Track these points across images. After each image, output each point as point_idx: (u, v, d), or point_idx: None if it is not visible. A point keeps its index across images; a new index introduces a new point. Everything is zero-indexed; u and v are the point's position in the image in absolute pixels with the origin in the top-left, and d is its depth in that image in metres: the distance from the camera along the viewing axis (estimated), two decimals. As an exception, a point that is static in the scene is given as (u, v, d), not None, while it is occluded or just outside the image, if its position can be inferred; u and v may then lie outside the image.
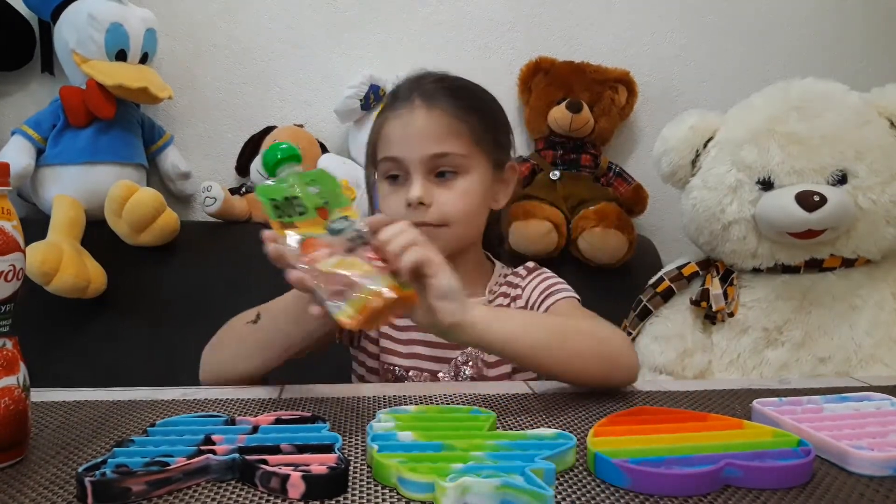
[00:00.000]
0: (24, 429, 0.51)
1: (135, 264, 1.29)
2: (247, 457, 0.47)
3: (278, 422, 0.56)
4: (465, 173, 0.81)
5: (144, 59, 1.32)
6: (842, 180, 1.07)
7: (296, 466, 0.46)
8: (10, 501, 0.44)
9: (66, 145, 1.26)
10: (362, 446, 0.53)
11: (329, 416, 0.61)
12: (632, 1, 1.58)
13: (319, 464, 0.46)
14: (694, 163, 1.20)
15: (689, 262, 1.24)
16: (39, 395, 0.62)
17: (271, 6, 1.48)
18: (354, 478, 0.47)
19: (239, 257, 1.28)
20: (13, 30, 1.33)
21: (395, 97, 0.84)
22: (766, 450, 0.50)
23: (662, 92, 1.59)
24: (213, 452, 0.48)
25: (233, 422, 0.56)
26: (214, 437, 0.51)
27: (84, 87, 1.25)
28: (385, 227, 0.61)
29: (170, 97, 1.30)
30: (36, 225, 1.19)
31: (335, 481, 0.45)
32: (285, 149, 0.63)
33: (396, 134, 0.81)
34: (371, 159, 0.87)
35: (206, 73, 1.47)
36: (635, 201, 1.47)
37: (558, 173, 1.45)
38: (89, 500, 0.43)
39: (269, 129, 1.44)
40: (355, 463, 0.50)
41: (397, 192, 0.81)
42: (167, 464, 0.46)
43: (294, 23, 1.49)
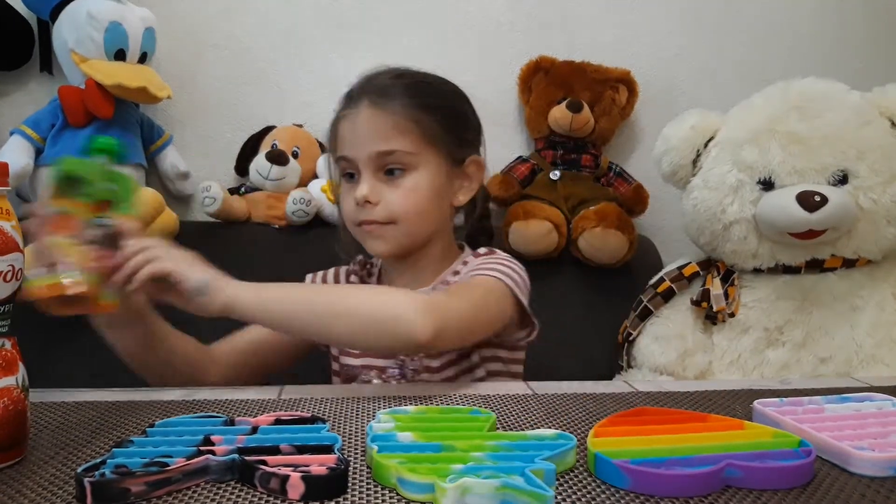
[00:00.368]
0: (23, 429, 0.51)
1: (134, 264, 1.29)
2: (246, 457, 0.47)
3: (278, 422, 0.56)
4: (413, 170, 0.82)
5: (143, 58, 1.32)
6: (843, 180, 1.07)
7: (295, 467, 0.46)
8: (10, 502, 0.43)
9: (66, 145, 1.26)
10: (362, 447, 0.53)
11: (328, 416, 0.61)
12: (632, 1, 1.58)
13: (319, 464, 0.46)
14: (695, 163, 1.20)
15: (690, 263, 1.24)
16: (38, 396, 0.61)
17: (271, 6, 1.48)
18: (354, 478, 0.47)
19: (238, 257, 1.27)
20: (12, 29, 1.32)
21: (349, 97, 0.86)
22: (766, 450, 0.50)
23: (663, 92, 1.59)
24: (213, 453, 0.47)
25: (232, 422, 0.56)
26: (214, 438, 0.51)
27: (83, 86, 1.24)
28: (131, 241, 0.66)
29: (169, 97, 1.30)
30: (35, 225, 1.20)
31: (335, 482, 0.45)
32: (108, 143, 0.66)
33: (347, 133, 0.83)
34: (333, 159, 0.89)
35: (205, 73, 1.47)
36: (636, 201, 1.47)
37: (558, 173, 1.45)
38: (88, 500, 0.43)
39: (268, 129, 1.44)
40: (355, 463, 0.50)
41: (350, 191, 0.84)
42: (166, 464, 0.45)
43: (294, 23, 1.49)
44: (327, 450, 0.49)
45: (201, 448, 0.49)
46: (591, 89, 1.47)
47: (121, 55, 1.27)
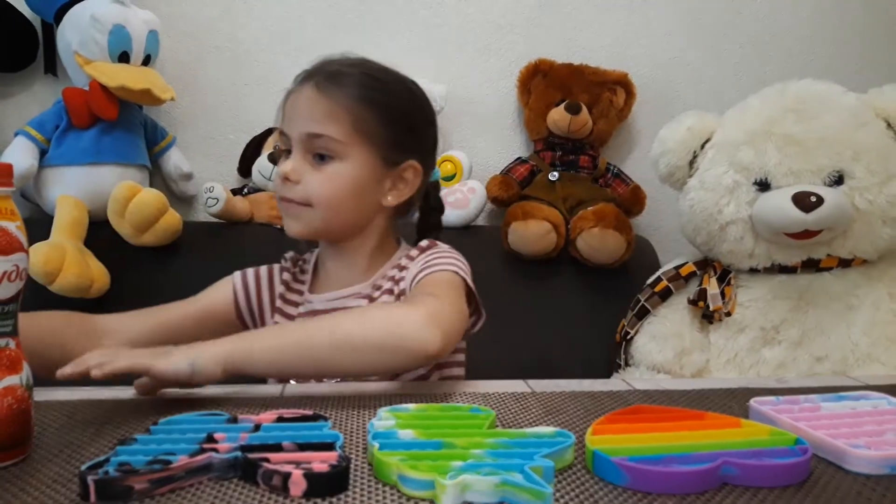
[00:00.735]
0: (27, 428, 0.51)
1: (137, 264, 1.30)
2: (249, 455, 0.47)
3: (280, 420, 0.57)
4: (340, 159, 0.81)
5: (147, 60, 1.33)
6: (838, 181, 1.08)
7: (297, 464, 0.46)
8: (14, 500, 0.44)
9: (70, 146, 1.26)
10: (363, 444, 0.54)
11: (330, 414, 0.61)
12: (630, 3, 1.59)
13: (321, 462, 0.47)
14: (691, 164, 1.21)
15: (687, 263, 1.24)
16: (42, 395, 0.62)
17: (273, 8, 1.49)
18: (355, 475, 0.48)
19: (241, 258, 1.27)
20: (16, 31, 1.33)
21: (301, 75, 0.87)
22: (763, 448, 0.50)
23: (660, 94, 1.60)
24: (216, 450, 0.48)
25: (235, 420, 0.56)
26: (217, 436, 0.51)
27: (87, 88, 1.25)
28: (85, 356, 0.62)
29: (172, 99, 1.31)
30: (39, 225, 1.20)
31: (336, 479, 0.45)
32: None
33: (289, 110, 0.85)
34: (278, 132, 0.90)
35: (208, 75, 1.48)
36: (633, 202, 1.47)
37: (557, 174, 1.46)
38: (92, 498, 0.43)
39: (270, 131, 1.45)
40: (356, 461, 0.50)
41: (282, 166, 0.84)
42: (170, 462, 0.46)
43: (295, 25, 1.50)
44: (329, 447, 0.50)
45: (204, 446, 0.49)
46: (589, 91, 1.47)
47: (124, 57, 1.28)
